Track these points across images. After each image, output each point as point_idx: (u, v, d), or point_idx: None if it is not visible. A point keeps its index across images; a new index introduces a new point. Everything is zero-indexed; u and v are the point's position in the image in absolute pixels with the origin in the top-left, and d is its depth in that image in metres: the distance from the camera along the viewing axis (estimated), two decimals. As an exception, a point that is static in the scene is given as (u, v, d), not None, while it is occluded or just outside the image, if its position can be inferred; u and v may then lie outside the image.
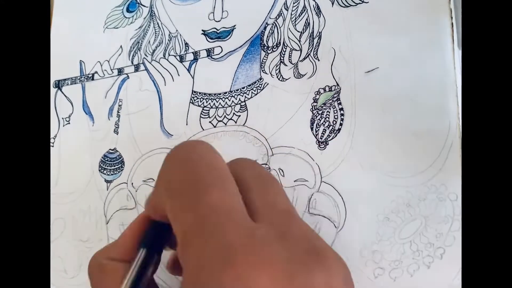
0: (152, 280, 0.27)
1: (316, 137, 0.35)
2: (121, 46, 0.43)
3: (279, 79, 0.37)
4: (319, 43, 0.36)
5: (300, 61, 0.37)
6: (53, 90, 0.45)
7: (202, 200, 0.21)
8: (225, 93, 0.39)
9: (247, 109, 0.38)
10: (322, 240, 0.21)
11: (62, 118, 0.44)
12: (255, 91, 0.38)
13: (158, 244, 0.27)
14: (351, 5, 0.36)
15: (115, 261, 0.27)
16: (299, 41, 0.37)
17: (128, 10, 0.44)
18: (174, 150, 0.25)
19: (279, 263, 0.18)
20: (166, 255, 0.30)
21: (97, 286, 0.27)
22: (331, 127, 0.34)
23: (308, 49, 0.37)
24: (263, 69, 0.38)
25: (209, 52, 0.40)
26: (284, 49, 0.38)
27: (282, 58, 0.37)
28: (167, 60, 0.41)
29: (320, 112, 0.35)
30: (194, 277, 0.19)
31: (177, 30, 0.42)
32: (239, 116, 0.38)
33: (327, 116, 0.35)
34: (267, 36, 0.39)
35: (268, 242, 0.19)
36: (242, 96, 0.38)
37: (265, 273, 0.18)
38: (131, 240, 0.27)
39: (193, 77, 0.40)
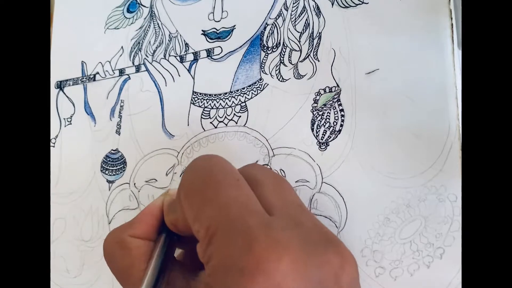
0: (174, 258, 0.28)
1: (316, 138, 0.35)
2: (122, 47, 0.43)
3: (279, 80, 0.37)
4: (319, 43, 0.37)
5: (300, 61, 0.37)
6: (55, 91, 0.45)
7: (221, 195, 0.23)
8: (225, 93, 0.39)
9: (247, 110, 0.38)
10: (332, 232, 0.23)
11: (64, 119, 0.44)
12: (255, 91, 0.38)
13: None
14: (351, 6, 0.36)
15: (138, 239, 0.27)
16: (299, 41, 0.37)
17: (128, 11, 0.44)
18: (191, 162, 0.26)
19: (296, 246, 0.20)
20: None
21: (116, 262, 0.27)
22: (331, 128, 0.35)
23: (308, 50, 0.37)
24: (263, 69, 0.38)
25: (209, 53, 0.40)
26: (284, 50, 0.38)
27: (282, 58, 0.38)
28: (168, 60, 0.41)
29: (320, 113, 0.35)
30: (221, 266, 0.20)
31: (177, 31, 0.42)
32: (240, 116, 0.38)
33: (328, 117, 0.35)
34: (267, 37, 0.39)
35: (284, 229, 0.21)
36: (242, 96, 0.38)
37: (284, 254, 0.19)
38: (152, 219, 0.28)
39: (193, 78, 0.40)
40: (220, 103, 0.39)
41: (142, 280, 0.25)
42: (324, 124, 0.35)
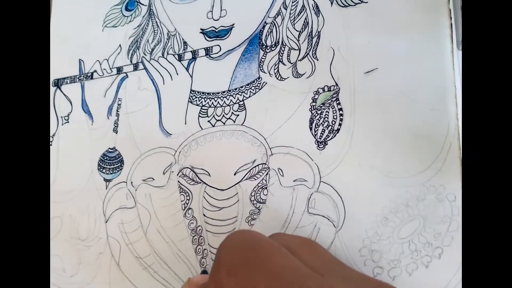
0: None
1: (315, 137, 0.35)
2: (120, 45, 0.43)
3: (277, 79, 0.37)
4: (318, 42, 0.36)
5: (299, 60, 0.37)
6: (52, 89, 0.45)
7: (270, 264, 0.22)
8: (224, 92, 0.39)
9: (245, 109, 0.38)
10: (378, 279, 0.24)
11: (61, 117, 0.44)
12: (253, 90, 0.38)
13: None
14: (350, 5, 0.36)
15: None
16: (298, 40, 0.37)
17: (126, 9, 0.44)
18: (227, 237, 0.26)
19: None
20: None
21: None
22: (330, 127, 0.34)
23: (307, 49, 0.37)
24: (261, 68, 0.38)
25: (208, 51, 0.40)
26: (283, 48, 0.38)
27: (280, 57, 0.37)
28: (166, 59, 0.41)
29: (319, 112, 0.35)
30: None
31: (175, 29, 0.42)
32: (238, 115, 0.38)
33: (326, 116, 0.35)
34: (266, 35, 0.38)
35: (336, 285, 0.21)
36: (241, 95, 0.38)
37: None
38: None
39: (191, 76, 0.40)
40: (218, 102, 0.38)
41: None
42: (323, 123, 0.35)
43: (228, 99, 0.38)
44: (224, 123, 0.38)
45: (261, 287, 0.22)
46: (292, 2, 0.38)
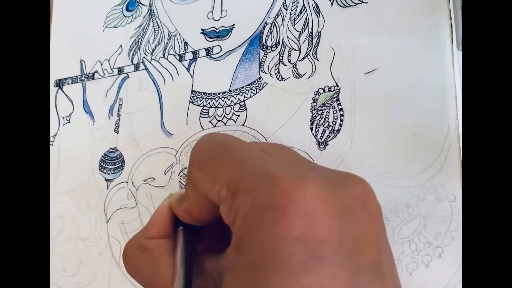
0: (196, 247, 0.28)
1: (315, 137, 0.35)
2: (120, 45, 0.43)
3: (278, 79, 0.37)
4: (318, 43, 0.37)
5: (299, 60, 0.37)
6: (53, 89, 0.45)
7: (236, 155, 0.23)
8: (224, 92, 0.39)
9: (246, 109, 0.38)
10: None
11: (63, 117, 0.44)
12: (254, 90, 0.38)
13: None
14: (350, 5, 0.36)
15: (156, 239, 0.27)
16: (298, 40, 0.37)
17: (127, 9, 0.44)
18: (198, 140, 0.26)
19: (318, 178, 0.20)
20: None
21: (141, 267, 0.26)
22: (330, 127, 0.35)
23: (307, 49, 0.37)
24: (262, 68, 0.38)
25: (208, 52, 0.40)
26: (283, 49, 0.38)
27: (281, 57, 0.38)
28: (167, 59, 0.41)
29: (319, 112, 0.35)
30: (251, 213, 0.20)
31: (176, 29, 0.42)
32: (239, 115, 0.38)
33: (327, 116, 0.35)
34: (266, 36, 0.39)
35: (302, 169, 0.21)
36: (241, 95, 0.38)
37: (308, 184, 0.20)
38: (164, 219, 0.27)
39: (192, 77, 0.40)
40: (219, 102, 0.39)
41: (174, 273, 0.24)
42: (323, 123, 0.35)
43: (229, 100, 0.38)
44: (225, 124, 0.38)
45: (227, 176, 0.22)
46: (293, 3, 0.38)
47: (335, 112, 0.35)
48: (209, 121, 0.38)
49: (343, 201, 0.20)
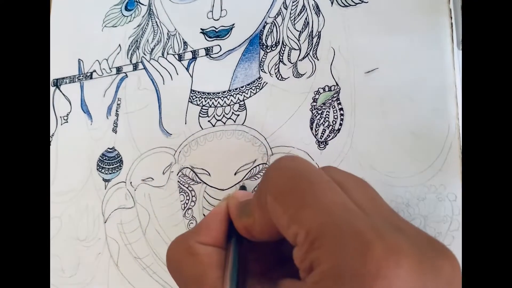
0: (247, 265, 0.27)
1: (315, 137, 0.35)
2: (119, 45, 0.43)
3: (278, 79, 0.37)
4: (318, 42, 0.37)
5: (299, 60, 0.37)
6: (51, 89, 0.45)
7: (320, 197, 0.21)
8: (224, 92, 0.39)
9: (246, 108, 0.38)
10: (435, 238, 0.22)
11: (60, 117, 0.44)
12: (254, 90, 0.38)
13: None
14: (350, 5, 0.36)
15: (207, 246, 0.26)
16: (298, 40, 0.37)
17: (126, 9, 0.44)
18: (274, 162, 0.25)
19: (410, 252, 0.19)
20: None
21: (186, 271, 0.25)
22: (330, 127, 0.35)
23: (307, 49, 0.37)
24: (262, 68, 0.38)
25: (208, 51, 0.40)
26: (283, 48, 0.38)
27: (281, 57, 0.37)
28: (166, 59, 0.41)
29: (319, 112, 0.35)
30: (333, 272, 0.19)
31: (175, 29, 0.42)
32: (238, 115, 0.38)
33: (327, 116, 0.35)
34: (266, 35, 0.39)
35: (393, 233, 0.20)
36: (241, 95, 0.38)
37: (402, 260, 0.18)
38: (219, 224, 0.26)
39: (191, 76, 0.40)
40: (219, 102, 0.38)
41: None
42: (323, 123, 0.35)
43: (228, 99, 0.38)
44: (224, 123, 0.38)
45: (307, 221, 0.21)
46: (293, 2, 0.38)
47: (335, 111, 0.35)
48: (208, 121, 0.38)
49: (432, 281, 0.19)
